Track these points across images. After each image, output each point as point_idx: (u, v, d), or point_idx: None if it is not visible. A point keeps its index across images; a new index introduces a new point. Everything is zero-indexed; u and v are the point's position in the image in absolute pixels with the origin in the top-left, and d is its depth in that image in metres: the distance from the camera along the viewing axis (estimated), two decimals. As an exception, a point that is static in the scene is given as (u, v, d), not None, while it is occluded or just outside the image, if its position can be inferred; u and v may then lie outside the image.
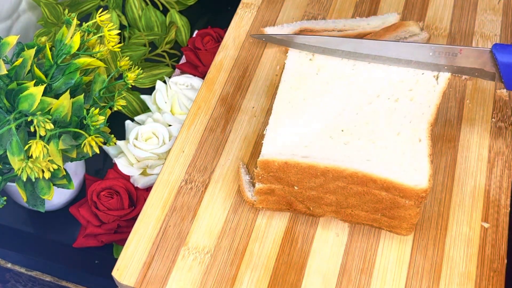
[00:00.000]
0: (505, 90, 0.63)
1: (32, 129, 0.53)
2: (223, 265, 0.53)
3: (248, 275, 0.52)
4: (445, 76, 0.55)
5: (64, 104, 0.54)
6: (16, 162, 0.53)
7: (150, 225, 0.55)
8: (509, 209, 0.55)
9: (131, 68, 0.61)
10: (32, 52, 0.56)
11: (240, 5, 0.72)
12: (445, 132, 0.60)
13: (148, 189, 0.66)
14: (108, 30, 0.59)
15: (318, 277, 0.52)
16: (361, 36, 0.64)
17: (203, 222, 0.55)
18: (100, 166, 0.73)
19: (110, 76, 0.61)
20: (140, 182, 0.66)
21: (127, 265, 0.53)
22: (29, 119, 0.53)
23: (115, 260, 0.64)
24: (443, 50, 0.54)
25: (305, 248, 0.53)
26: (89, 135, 0.56)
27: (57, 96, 0.55)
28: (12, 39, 0.56)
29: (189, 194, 0.57)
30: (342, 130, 0.53)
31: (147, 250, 0.54)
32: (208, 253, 0.53)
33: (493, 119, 0.61)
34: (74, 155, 0.58)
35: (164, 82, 0.72)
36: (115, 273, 0.53)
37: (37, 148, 0.52)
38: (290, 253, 0.53)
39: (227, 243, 0.54)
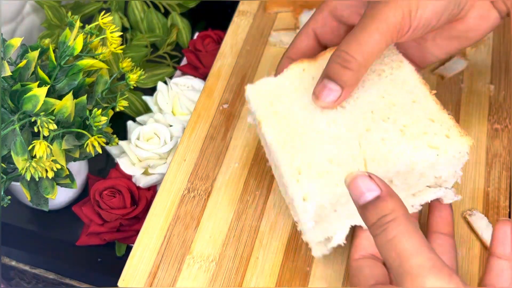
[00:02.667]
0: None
1: (35, 130, 0.53)
2: (228, 273, 0.52)
3: (253, 283, 0.52)
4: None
5: (67, 105, 0.54)
6: (20, 162, 0.53)
7: (154, 234, 0.55)
8: (508, 210, 0.55)
9: (133, 69, 0.61)
10: (36, 54, 0.56)
11: (236, 13, 0.71)
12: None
13: (150, 188, 0.67)
14: (111, 32, 0.59)
15: (323, 283, 0.51)
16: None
17: (207, 230, 0.55)
18: (103, 165, 0.73)
19: (112, 77, 0.61)
20: (142, 181, 0.66)
21: (133, 275, 0.53)
22: (33, 119, 0.53)
23: (118, 258, 0.65)
24: None
25: (309, 254, 0.52)
26: (92, 135, 0.56)
27: (60, 97, 0.56)
28: (16, 41, 0.56)
29: (192, 203, 0.56)
30: None
31: (152, 259, 0.53)
32: (213, 261, 0.53)
33: (489, 122, 0.61)
34: (77, 155, 0.59)
35: (165, 83, 0.73)
36: (121, 283, 0.52)
37: (40, 148, 0.52)
38: (294, 259, 0.53)
39: (231, 251, 0.53)
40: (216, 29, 0.79)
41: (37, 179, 0.54)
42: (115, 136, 0.63)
